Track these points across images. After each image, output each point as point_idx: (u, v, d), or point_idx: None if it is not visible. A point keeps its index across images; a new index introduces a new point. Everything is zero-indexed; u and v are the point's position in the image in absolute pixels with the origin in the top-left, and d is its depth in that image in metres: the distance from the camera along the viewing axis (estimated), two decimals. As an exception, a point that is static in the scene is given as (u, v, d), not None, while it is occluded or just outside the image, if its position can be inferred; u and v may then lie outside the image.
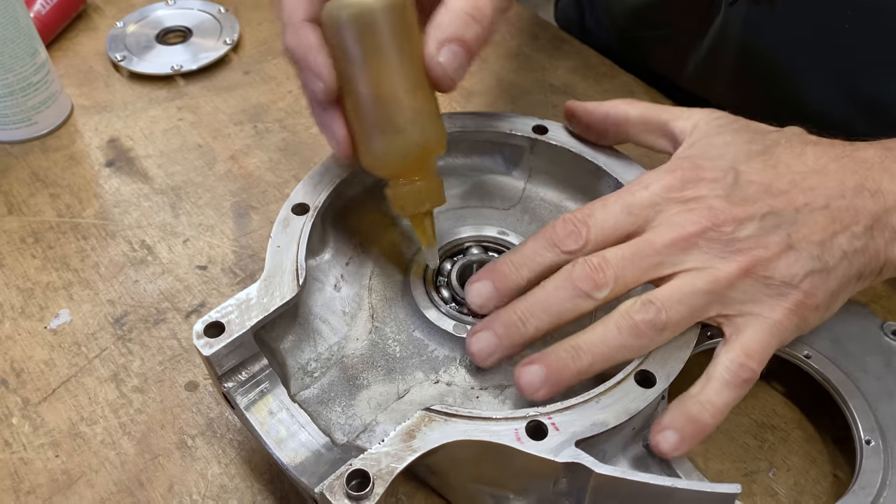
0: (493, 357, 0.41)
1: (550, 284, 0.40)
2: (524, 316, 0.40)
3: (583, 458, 0.36)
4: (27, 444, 0.47)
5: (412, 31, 0.41)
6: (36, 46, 0.62)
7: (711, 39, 0.64)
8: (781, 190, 0.41)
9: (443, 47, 0.41)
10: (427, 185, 0.43)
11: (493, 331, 0.41)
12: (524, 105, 0.70)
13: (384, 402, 0.43)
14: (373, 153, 0.43)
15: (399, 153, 0.42)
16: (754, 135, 0.44)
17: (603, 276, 0.39)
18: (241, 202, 0.61)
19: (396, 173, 0.43)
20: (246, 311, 0.41)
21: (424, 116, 0.42)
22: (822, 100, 0.57)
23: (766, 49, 0.59)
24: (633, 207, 0.41)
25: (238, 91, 0.71)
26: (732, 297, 0.39)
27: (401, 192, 0.43)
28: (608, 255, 0.40)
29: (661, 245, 0.39)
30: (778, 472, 0.46)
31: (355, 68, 0.41)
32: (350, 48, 0.40)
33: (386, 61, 0.40)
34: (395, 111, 0.41)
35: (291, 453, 0.39)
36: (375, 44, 0.40)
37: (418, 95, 0.41)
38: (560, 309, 0.40)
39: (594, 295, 0.39)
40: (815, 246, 0.40)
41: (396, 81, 0.41)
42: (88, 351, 0.51)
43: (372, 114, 0.41)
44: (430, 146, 0.43)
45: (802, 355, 0.46)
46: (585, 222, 0.41)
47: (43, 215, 0.60)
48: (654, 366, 0.40)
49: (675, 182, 0.41)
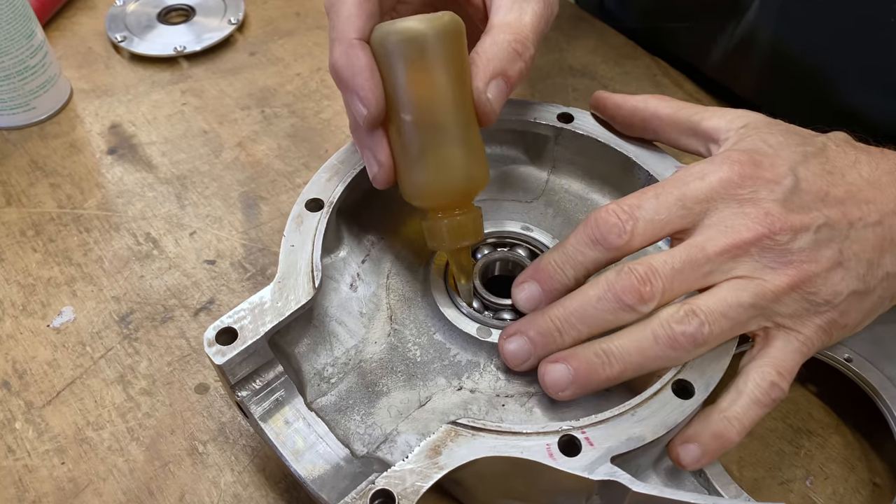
0: (527, 363, 0.40)
1: (592, 293, 0.38)
2: (561, 326, 0.38)
3: (619, 475, 0.34)
4: (31, 450, 0.45)
5: (464, 61, 0.39)
6: (32, 27, 0.59)
7: (743, 28, 0.61)
8: (837, 199, 0.38)
9: (490, 82, 0.40)
10: (467, 219, 0.41)
11: (527, 336, 0.39)
12: (543, 89, 0.67)
13: (405, 410, 0.41)
14: (416, 184, 0.40)
15: (444, 186, 0.40)
16: (803, 137, 0.41)
17: (650, 289, 0.36)
18: (249, 192, 0.58)
19: (438, 206, 0.41)
20: (259, 315, 0.39)
21: (472, 150, 0.40)
22: (854, 98, 0.54)
23: (801, 40, 0.56)
24: (688, 200, 0.38)
25: (244, 73, 0.68)
26: (775, 310, 0.37)
27: (440, 226, 0.41)
28: (656, 264, 0.37)
29: (713, 253, 0.37)
30: (815, 481, 0.44)
31: (404, 96, 0.38)
32: (399, 75, 0.38)
33: (437, 91, 0.38)
34: (444, 143, 0.39)
35: (309, 466, 0.38)
36: (426, 72, 0.38)
37: (468, 128, 0.40)
38: (600, 321, 0.37)
39: (638, 308, 0.37)
40: (863, 265, 0.38)
41: (447, 113, 0.39)
42: (93, 351, 0.49)
43: (419, 143, 0.39)
44: (476, 181, 0.41)
45: (843, 358, 0.44)
46: (633, 215, 0.38)
47: (43, 206, 0.57)
48: (693, 375, 0.38)
49: (733, 176, 0.38)
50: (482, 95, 0.40)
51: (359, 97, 0.39)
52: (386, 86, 0.39)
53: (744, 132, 0.41)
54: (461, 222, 0.41)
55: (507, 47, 0.40)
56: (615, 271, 0.37)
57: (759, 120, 0.43)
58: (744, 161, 0.39)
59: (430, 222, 0.42)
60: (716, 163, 0.39)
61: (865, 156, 0.41)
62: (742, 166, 0.38)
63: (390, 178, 0.41)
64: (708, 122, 0.43)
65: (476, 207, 0.42)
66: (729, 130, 0.42)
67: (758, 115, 0.43)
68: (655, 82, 0.67)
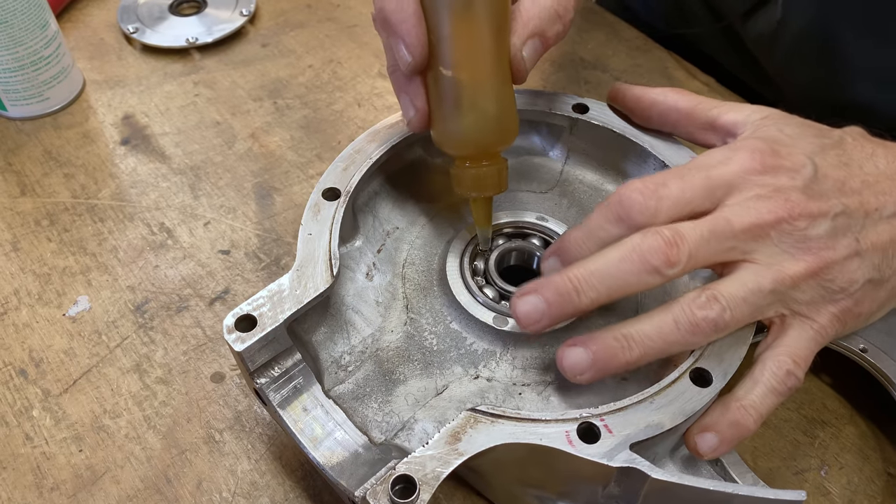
0: (539, 324, 0.38)
1: (615, 254, 0.36)
2: (580, 285, 0.36)
3: (638, 462, 0.34)
4: (49, 437, 0.45)
5: (507, 16, 0.40)
6: (46, 18, 0.60)
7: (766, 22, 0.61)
8: (854, 189, 0.39)
9: (528, 41, 0.40)
10: (493, 170, 0.42)
11: (542, 295, 0.37)
12: (555, 81, 0.67)
13: (422, 398, 0.41)
14: (449, 131, 0.42)
15: (476, 137, 0.41)
16: (820, 130, 0.41)
17: (677, 252, 0.36)
18: (262, 183, 0.59)
19: (469, 154, 0.42)
20: (278, 303, 0.39)
21: (506, 103, 0.41)
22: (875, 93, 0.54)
23: (825, 32, 0.56)
24: (713, 183, 0.38)
25: (256, 65, 0.68)
26: (793, 296, 0.37)
27: (468, 174, 0.43)
28: (683, 229, 0.36)
29: (738, 228, 0.37)
30: (830, 471, 0.44)
31: (449, 44, 0.39)
32: (444, 24, 0.39)
33: (481, 42, 0.39)
34: (480, 95, 0.40)
35: (328, 453, 0.38)
36: (470, 23, 0.39)
37: (503, 82, 0.41)
38: (623, 283, 0.36)
39: (664, 272, 0.36)
40: (878, 254, 0.38)
41: (487, 64, 0.40)
42: (109, 340, 0.49)
43: (455, 93, 0.40)
44: (508, 134, 0.42)
45: (858, 349, 0.44)
46: (657, 193, 0.37)
47: (57, 196, 0.57)
48: (710, 363, 0.38)
49: (755, 164, 0.38)
50: (518, 53, 0.40)
51: (405, 43, 0.39)
52: (431, 33, 0.39)
53: (760, 123, 0.41)
54: (488, 173, 0.42)
55: (548, 7, 0.40)
56: (640, 233, 0.36)
57: (777, 114, 0.43)
58: (764, 150, 0.39)
59: (459, 170, 0.43)
60: (738, 149, 0.39)
61: (882, 149, 0.41)
62: (763, 154, 0.38)
63: (425, 124, 0.42)
64: (726, 116, 0.43)
65: (503, 159, 0.43)
66: (746, 124, 0.42)
67: (775, 110, 0.43)
68: (668, 75, 0.67)
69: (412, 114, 0.42)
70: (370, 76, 0.67)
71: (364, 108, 0.64)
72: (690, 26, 0.71)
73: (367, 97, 0.65)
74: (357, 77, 0.67)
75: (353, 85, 0.66)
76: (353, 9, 0.74)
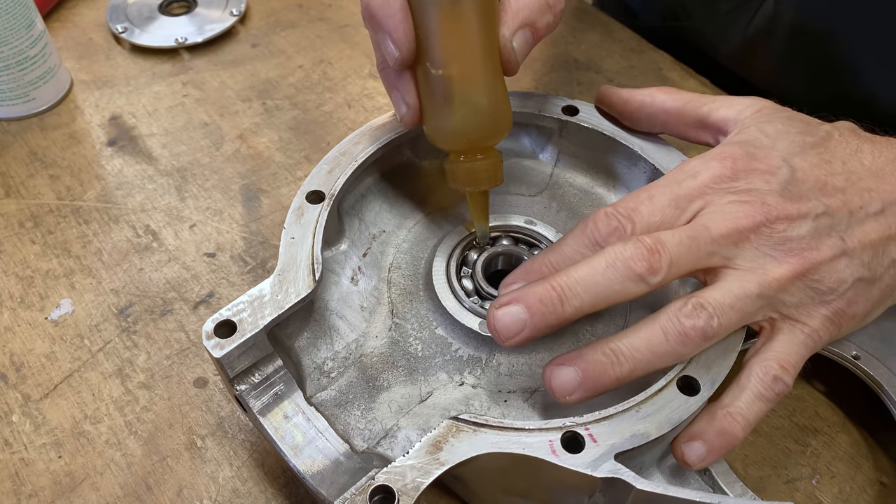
0: (518, 336, 0.36)
1: (599, 261, 0.36)
2: (564, 294, 0.36)
3: (623, 472, 0.34)
4: (28, 443, 0.44)
5: (495, 7, 0.40)
6: (32, 17, 0.59)
7: (764, 12, 0.60)
8: (837, 188, 0.38)
9: (517, 31, 0.39)
10: (488, 164, 0.42)
11: (524, 304, 0.36)
12: (547, 83, 0.66)
13: (406, 405, 0.40)
14: (441, 127, 0.41)
15: (469, 131, 0.41)
16: (807, 126, 0.41)
17: (658, 258, 0.35)
18: (250, 185, 0.58)
19: (462, 148, 0.42)
20: (259, 308, 0.38)
21: (498, 96, 0.41)
22: (871, 83, 0.54)
23: (822, 27, 0.56)
24: (682, 200, 0.38)
25: (246, 65, 0.67)
26: (781, 300, 0.37)
27: (462, 169, 0.42)
28: (663, 237, 0.36)
29: (717, 234, 0.36)
30: (821, 480, 0.43)
31: (436, 38, 0.39)
32: (431, 18, 0.38)
33: (469, 35, 0.39)
34: (471, 88, 0.40)
35: (308, 461, 0.37)
36: (458, 16, 0.38)
37: (495, 75, 0.40)
38: (607, 291, 0.36)
39: (648, 279, 0.35)
40: (867, 253, 0.38)
41: (477, 57, 0.39)
42: (91, 344, 0.49)
43: (446, 87, 0.39)
44: (501, 127, 0.41)
45: (851, 356, 0.43)
46: (630, 217, 0.37)
47: (42, 198, 0.57)
48: (698, 371, 0.37)
49: (725, 171, 0.38)
50: (508, 44, 0.39)
51: (391, 38, 0.38)
52: (419, 27, 0.39)
53: (743, 123, 0.41)
54: (482, 167, 0.42)
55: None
56: (621, 243, 0.36)
57: (767, 107, 0.42)
58: (737, 155, 0.38)
59: (453, 165, 0.42)
60: (708, 159, 0.39)
61: (868, 145, 0.40)
62: (734, 160, 0.38)
63: (417, 120, 0.42)
64: (716, 113, 0.43)
65: (497, 152, 0.43)
66: (736, 122, 0.41)
67: (766, 102, 0.42)
68: (662, 76, 0.67)
69: (404, 110, 0.41)
70: (361, 77, 0.67)
71: (354, 109, 0.64)
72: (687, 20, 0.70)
73: (357, 98, 0.65)
74: (348, 78, 0.66)
75: (343, 86, 0.66)
76: (344, 9, 0.73)
